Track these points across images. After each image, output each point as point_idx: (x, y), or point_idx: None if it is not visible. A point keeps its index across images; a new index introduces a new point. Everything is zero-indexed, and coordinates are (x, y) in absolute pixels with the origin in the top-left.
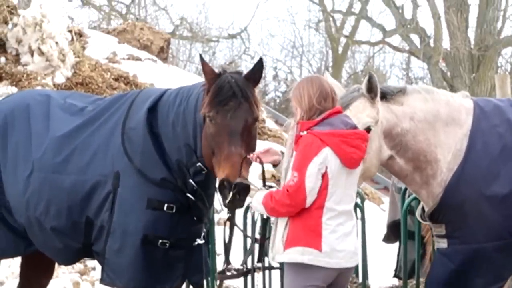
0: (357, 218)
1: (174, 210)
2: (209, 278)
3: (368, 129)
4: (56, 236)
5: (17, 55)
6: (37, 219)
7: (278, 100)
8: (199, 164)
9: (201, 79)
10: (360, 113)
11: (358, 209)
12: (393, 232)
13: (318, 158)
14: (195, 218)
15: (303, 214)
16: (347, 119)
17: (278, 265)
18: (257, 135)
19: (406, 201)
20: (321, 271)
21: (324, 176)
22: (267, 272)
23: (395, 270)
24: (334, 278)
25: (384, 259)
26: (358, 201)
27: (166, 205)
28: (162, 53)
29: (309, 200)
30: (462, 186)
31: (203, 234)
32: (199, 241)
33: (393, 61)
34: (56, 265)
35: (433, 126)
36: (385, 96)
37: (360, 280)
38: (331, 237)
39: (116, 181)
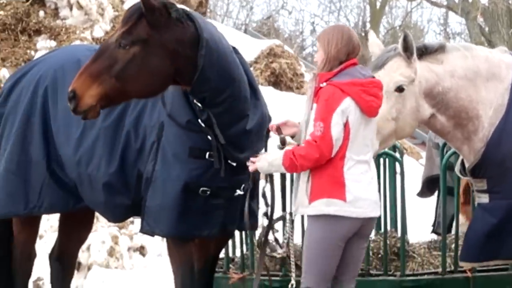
0: (396, 172)
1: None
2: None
3: (400, 88)
4: (107, 193)
5: (56, 9)
6: (89, 176)
7: (315, 55)
8: (194, 101)
9: (239, 33)
10: (394, 72)
11: (397, 163)
12: (428, 187)
13: (341, 108)
14: (234, 165)
15: (326, 166)
16: (363, 70)
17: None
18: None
19: (445, 156)
20: (346, 221)
21: (346, 125)
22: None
23: (433, 226)
24: (358, 228)
25: (423, 214)
26: (397, 155)
27: (208, 153)
28: (201, 8)
29: (335, 150)
30: (504, 140)
31: (243, 185)
32: (239, 191)
33: (431, 16)
34: (95, 218)
35: (474, 83)
36: (424, 55)
37: (399, 234)
38: (354, 186)
39: (160, 131)
